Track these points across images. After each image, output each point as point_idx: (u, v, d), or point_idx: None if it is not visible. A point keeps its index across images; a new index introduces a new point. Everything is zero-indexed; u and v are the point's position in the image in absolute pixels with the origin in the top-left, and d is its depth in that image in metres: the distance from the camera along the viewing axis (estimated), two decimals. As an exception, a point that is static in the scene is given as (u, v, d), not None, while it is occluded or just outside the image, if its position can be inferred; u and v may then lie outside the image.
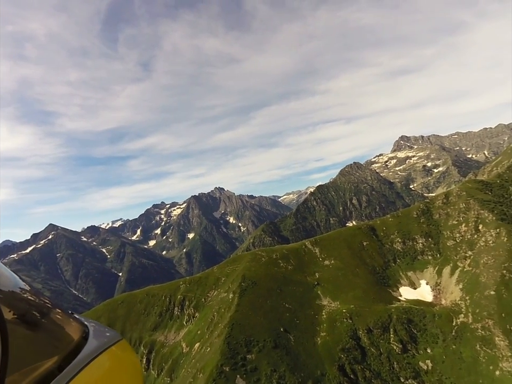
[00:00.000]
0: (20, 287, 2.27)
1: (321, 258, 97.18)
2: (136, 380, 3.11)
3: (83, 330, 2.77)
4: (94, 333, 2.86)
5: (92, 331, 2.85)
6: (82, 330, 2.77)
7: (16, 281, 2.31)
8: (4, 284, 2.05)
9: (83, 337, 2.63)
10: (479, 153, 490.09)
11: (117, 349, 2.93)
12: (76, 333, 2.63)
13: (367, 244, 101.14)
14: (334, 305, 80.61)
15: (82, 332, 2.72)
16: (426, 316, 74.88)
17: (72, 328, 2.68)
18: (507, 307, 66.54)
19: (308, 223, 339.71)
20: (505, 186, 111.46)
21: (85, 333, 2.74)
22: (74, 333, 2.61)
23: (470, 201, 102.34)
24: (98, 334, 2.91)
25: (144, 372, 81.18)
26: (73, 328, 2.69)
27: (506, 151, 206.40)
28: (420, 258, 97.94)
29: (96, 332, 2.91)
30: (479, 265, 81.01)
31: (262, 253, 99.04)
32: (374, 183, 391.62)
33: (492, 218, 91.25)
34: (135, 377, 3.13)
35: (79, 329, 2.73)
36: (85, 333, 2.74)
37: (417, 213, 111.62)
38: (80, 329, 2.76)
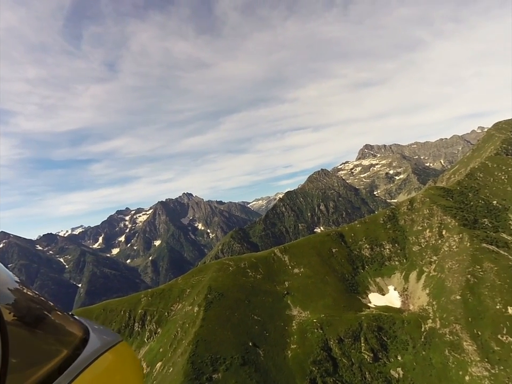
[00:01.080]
0: (19, 288, 2.28)
1: (291, 266, 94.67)
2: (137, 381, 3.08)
3: (83, 332, 2.73)
4: (95, 334, 2.82)
5: (92, 332, 2.81)
6: (83, 332, 2.73)
7: (16, 283, 2.31)
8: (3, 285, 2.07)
9: (83, 339, 2.60)
10: (436, 162, 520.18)
11: (117, 350, 2.90)
12: (76, 334, 2.62)
13: (336, 250, 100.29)
14: (304, 315, 77.99)
15: (82, 333, 2.69)
16: (396, 323, 74.43)
17: (73, 329, 2.66)
18: (473, 311, 67.48)
19: (277, 229, 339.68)
20: (465, 193, 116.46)
21: (85, 334, 2.70)
22: (75, 334, 2.60)
23: (433, 207, 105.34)
24: (98, 335, 2.86)
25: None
26: (73, 329, 2.67)
27: (463, 160, 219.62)
28: (387, 264, 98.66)
29: (97, 333, 2.87)
30: (444, 270, 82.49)
31: (229, 262, 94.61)
32: (340, 189, 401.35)
33: (455, 224, 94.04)
34: (136, 379, 3.09)
35: (79, 331, 2.70)
36: (85, 334, 2.70)
37: (383, 219, 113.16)
38: (80, 330, 2.73)
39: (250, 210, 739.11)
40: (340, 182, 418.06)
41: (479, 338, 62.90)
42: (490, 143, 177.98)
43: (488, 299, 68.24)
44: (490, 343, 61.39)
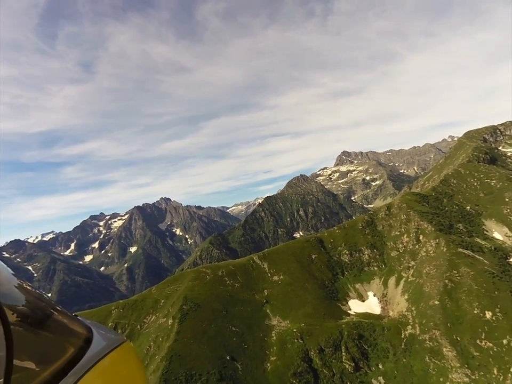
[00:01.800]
0: (23, 288, 2.28)
1: (270, 273, 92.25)
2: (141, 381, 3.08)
3: (87, 332, 2.74)
4: (98, 335, 2.81)
5: (95, 333, 2.80)
6: (86, 332, 2.73)
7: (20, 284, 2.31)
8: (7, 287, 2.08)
9: (87, 340, 2.60)
10: (410, 169, 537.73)
11: (121, 352, 2.88)
12: (80, 334, 2.62)
13: (315, 256, 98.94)
14: (284, 324, 75.59)
15: (86, 334, 2.68)
16: (376, 330, 73.49)
17: (76, 329, 2.66)
18: (451, 317, 67.55)
19: (256, 234, 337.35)
20: (440, 198, 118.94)
21: (88, 335, 2.70)
22: (78, 335, 2.60)
23: (410, 213, 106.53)
24: (102, 336, 2.86)
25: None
26: (77, 329, 2.67)
27: (436, 167, 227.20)
28: (367, 269, 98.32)
29: (100, 334, 2.86)
30: (422, 275, 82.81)
31: (206, 270, 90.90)
32: (319, 195, 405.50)
33: (431, 229, 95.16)
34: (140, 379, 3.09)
35: (83, 331, 2.71)
36: (88, 335, 2.70)
37: (362, 224, 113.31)
38: (84, 331, 2.72)
39: (229, 216, 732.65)
40: (318, 188, 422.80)
41: (458, 344, 62.81)
42: (462, 150, 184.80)
43: (466, 304, 68.63)
44: (470, 348, 61.41)
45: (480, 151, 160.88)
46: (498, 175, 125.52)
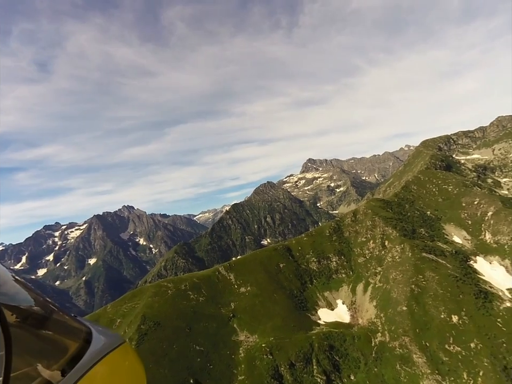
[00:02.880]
0: (22, 289, 2.28)
1: (237, 285, 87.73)
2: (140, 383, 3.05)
3: (86, 333, 2.72)
4: (98, 335, 2.79)
5: (94, 334, 2.79)
6: (85, 333, 2.72)
7: (20, 285, 2.30)
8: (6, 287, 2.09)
9: (86, 340, 2.59)
10: (371, 176, 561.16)
11: (120, 352, 2.87)
12: (79, 335, 2.61)
13: (283, 265, 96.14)
14: (252, 339, 71.31)
15: (85, 335, 2.68)
16: (346, 339, 71.64)
17: (75, 331, 2.67)
18: (420, 322, 67.37)
19: (224, 242, 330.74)
20: (402, 204, 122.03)
21: (88, 336, 2.69)
22: (78, 335, 2.60)
23: (376, 219, 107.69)
24: (101, 337, 2.84)
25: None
26: (76, 331, 2.67)
27: (396, 174, 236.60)
28: (335, 277, 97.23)
29: (99, 335, 2.84)
30: (389, 281, 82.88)
31: (168, 284, 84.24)
32: (286, 201, 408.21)
33: (396, 235, 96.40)
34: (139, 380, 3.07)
35: (82, 332, 2.70)
36: (88, 336, 2.69)
37: (329, 231, 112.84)
38: (83, 332, 2.72)
39: (196, 223, 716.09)
40: (285, 194, 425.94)
41: (427, 350, 62.45)
42: (419, 158, 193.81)
43: (433, 309, 68.96)
44: (439, 354, 61.20)
45: (437, 158, 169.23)
46: (454, 181, 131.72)
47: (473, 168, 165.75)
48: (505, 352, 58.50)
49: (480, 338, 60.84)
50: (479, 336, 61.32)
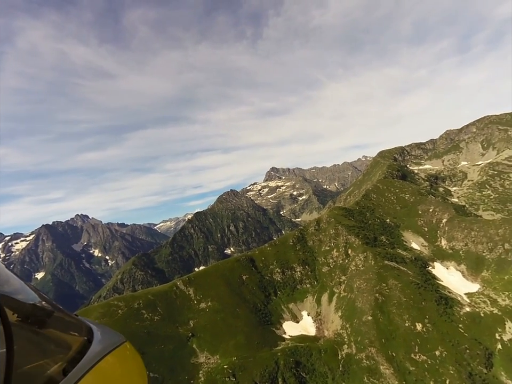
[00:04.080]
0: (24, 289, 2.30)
1: (196, 300, 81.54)
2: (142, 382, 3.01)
3: (87, 332, 2.73)
4: (99, 335, 2.79)
5: (96, 333, 2.79)
6: (87, 332, 2.72)
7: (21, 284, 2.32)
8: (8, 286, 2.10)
9: (88, 340, 2.59)
10: (331, 185, 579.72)
11: (121, 352, 2.89)
12: (81, 334, 2.62)
13: (246, 277, 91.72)
14: (213, 360, 65.64)
15: (86, 334, 2.68)
16: (313, 354, 68.61)
17: (77, 330, 2.67)
18: (385, 332, 66.27)
19: (185, 252, 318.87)
20: (363, 212, 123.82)
21: (89, 335, 2.69)
22: (79, 334, 2.61)
23: (338, 227, 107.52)
24: (103, 336, 2.84)
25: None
26: (78, 330, 2.68)
27: (356, 183, 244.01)
28: (299, 287, 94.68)
29: (101, 334, 2.84)
30: (354, 290, 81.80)
31: (118, 302, 75.69)
32: (249, 209, 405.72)
33: (359, 243, 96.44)
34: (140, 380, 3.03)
35: (83, 331, 2.70)
36: (89, 335, 2.69)
37: (293, 240, 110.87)
38: (84, 331, 2.72)
39: (157, 233, 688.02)
40: (248, 203, 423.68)
41: (394, 360, 61.20)
42: (377, 168, 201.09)
43: (397, 317, 68.41)
44: (405, 363, 60.16)
45: (393, 168, 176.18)
46: (411, 190, 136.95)
47: (426, 177, 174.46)
48: (469, 358, 58.95)
49: (444, 346, 60.90)
50: (443, 343, 61.40)
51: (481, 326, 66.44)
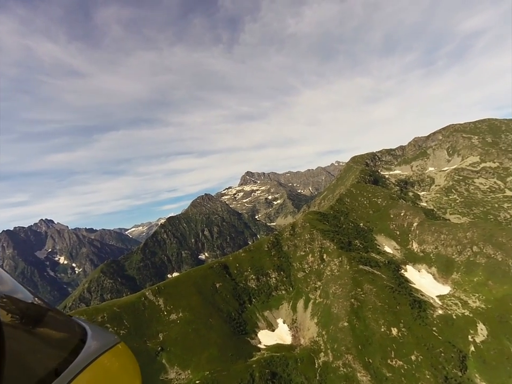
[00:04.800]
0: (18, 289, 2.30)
1: (166, 311, 76.99)
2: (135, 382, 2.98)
3: (81, 333, 2.72)
4: (93, 335, 2.79)
5: (90, 334, 2.78)
6: (81, 333, 2.72)
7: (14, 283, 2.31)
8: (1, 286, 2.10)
9: (81, 340, 2.59)
10: (306, 189, 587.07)
11: (115, 352, 2.87)
12: (75, 335, 2.62)
13: (220, 285, 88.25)
14: (184, 376, 61.71)
15: (80, 335, 2.68)
16: (289, 364, 66.41)
17: (71, 330, 2.67)
18: (361, 338, 65.36)
19: (158, 258, 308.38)
20: (338, 217, 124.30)
21: (83, 336, 2.68)
22: (73, 335, 2.60)
23: (314, 232, 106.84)
24: (97, 336, 2.84)
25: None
26: (71, 330, 2.68)
27: (330, 187, 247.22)
28: (275, 294, 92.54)
29: (95, 335, 2.84)
30: (329, 296, 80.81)
31: (80, 316, 69.79)
32: (224, 214, 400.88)
33: (334, 248, 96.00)
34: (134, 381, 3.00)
35: (77, 332, 2.70)
36: (83, 336, 2.68)
37: (268, 246, 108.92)
38: (78, 331, 2.72)
39: (128, 238, 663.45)
40: (223, 207, 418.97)
41: (371, 367, 60.26)
42: (350, 173, 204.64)
43: (373, 322, 67.84)
44: (382, 370, 59.34)
45: (366, 173, 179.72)
46: (383, 194, 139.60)
47: (396, 182, 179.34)
48: (444, 362, 59.17)
49: (420, 350, 60.85)
50: (419, 347, 61.36)
51: (454, 329, 67.36)
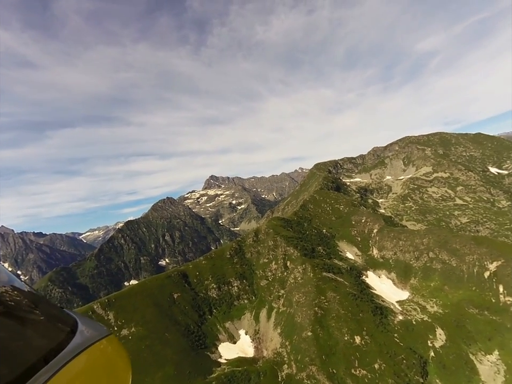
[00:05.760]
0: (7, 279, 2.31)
1: (117, 326, 70.09)
2: (124, 374, 2.98)
3: (71, 324, 2.74)
4: (83, 326, 2.83)
5: (80, 325, 2.81)
6: (71, 324, 2.74)
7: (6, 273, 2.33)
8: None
9: (71, 331, 2.61)
10: (270, 194, 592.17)
11: (105, 343, 2.88)
12: (65, 325, 2.64)
13: (178, 296, 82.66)
14: (134, 399, 55.69)
15: (70, 326, 2.70)
16: (251, 378, 63.05)
17: (60, 321, 2.70)
18: (325, 347, 63.77)
19: (114, 265, 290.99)
20: (301, 223, 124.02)
21: (73, 326, 2.71)
22: (63, 325, 2.63)
23: (277, 239, 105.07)
24: (86, 328, 2.87)
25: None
26: (61, 321, 2.70)
27: (293, 193, 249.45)
28: (237, 303, 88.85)
29: (85, 326, 2.88)
30: (293, 304, 78.90)
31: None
32: (186, 218, 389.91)
33: (297, 255, 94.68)
34: (123, 372, 3.00)
35: (67, 323, 2.72)
36: (73, 326, 2.71)
37: (230, 252, 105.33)
38: (68, 322, 2.74)
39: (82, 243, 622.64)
40: (186, 211, 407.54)
41: (335, 377, 58.72)
42: (314, 179, 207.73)
43: (336, 331, 66.71)
44: (346, 380, 58.05)
45: (328, 180, 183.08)
46: (345, 201, 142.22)
47: (357, 189, 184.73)
48: (406, 369, 59.26)
49: (382, 358, 60.52)
50: (381, 355, 61.03)
51: (414, 334, 68.33)
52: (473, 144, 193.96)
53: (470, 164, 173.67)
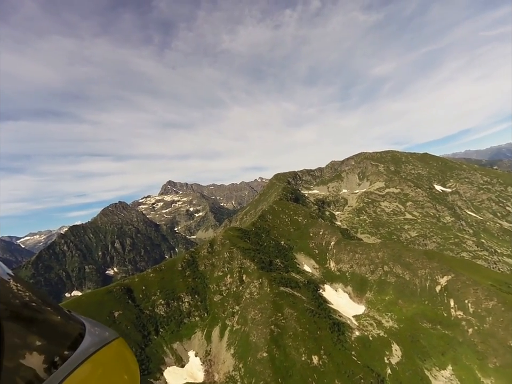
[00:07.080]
0: (16, 282, 2.26)
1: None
2: (133, 378, 2.96)
3: (80, 328, 2.72)
4: (91, 330, 2.80)
5: (88, 328, 2.79)
6: (79, 328, 2.71)
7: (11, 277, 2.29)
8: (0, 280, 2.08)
9: (79, 335, 2.59)
10: (229, 203, 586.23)
11: (113, 347, 2.88)
12: (73, 330, 2.61)
13: (119, 314, 73.48)
14: None
15: (79, 329, 2.68)
16: (197, 409, 56.54)
17: (69, 325, 2.66)
18: (281, 369, 59.41)
19: (54, 274, 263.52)
20: (259, 234, 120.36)
21: (81, 330, 2.69)
22: (71, 330, 2.60)
23: (233, 250, 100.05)
24: (95, 331, 2.86)
25: None
26: (69, 325, 2.66)
27: (252, 203, 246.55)
28: (187, 321, 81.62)
29: (93, 329, 2.86)
30: (248, 322, 73.91)
31: None
32: (139, 225, 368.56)
33: (254, 268, 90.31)
34: (132, 376, 2.98)
35: (76, 326, 2.70)
36: (81, 330, 2.69)
37: (182, 265, 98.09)
38: (76, 326, 2.72)
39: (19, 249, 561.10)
40: (139, 217, 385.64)
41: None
42: (273, 189, 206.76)
43: (294, 351, 62.85)
44: (301, 407, 53.93)
45: (288, 191, 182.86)
46: (303, 213, 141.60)
47: (315, 201, 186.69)
48: (363, 390, 56.86)
49: (340, 378, 57.63)
50: (339, 375, 58.16)
51: (371, 351, 66.78)
52: (420, 163, 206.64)
53: (418, 181, 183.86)
